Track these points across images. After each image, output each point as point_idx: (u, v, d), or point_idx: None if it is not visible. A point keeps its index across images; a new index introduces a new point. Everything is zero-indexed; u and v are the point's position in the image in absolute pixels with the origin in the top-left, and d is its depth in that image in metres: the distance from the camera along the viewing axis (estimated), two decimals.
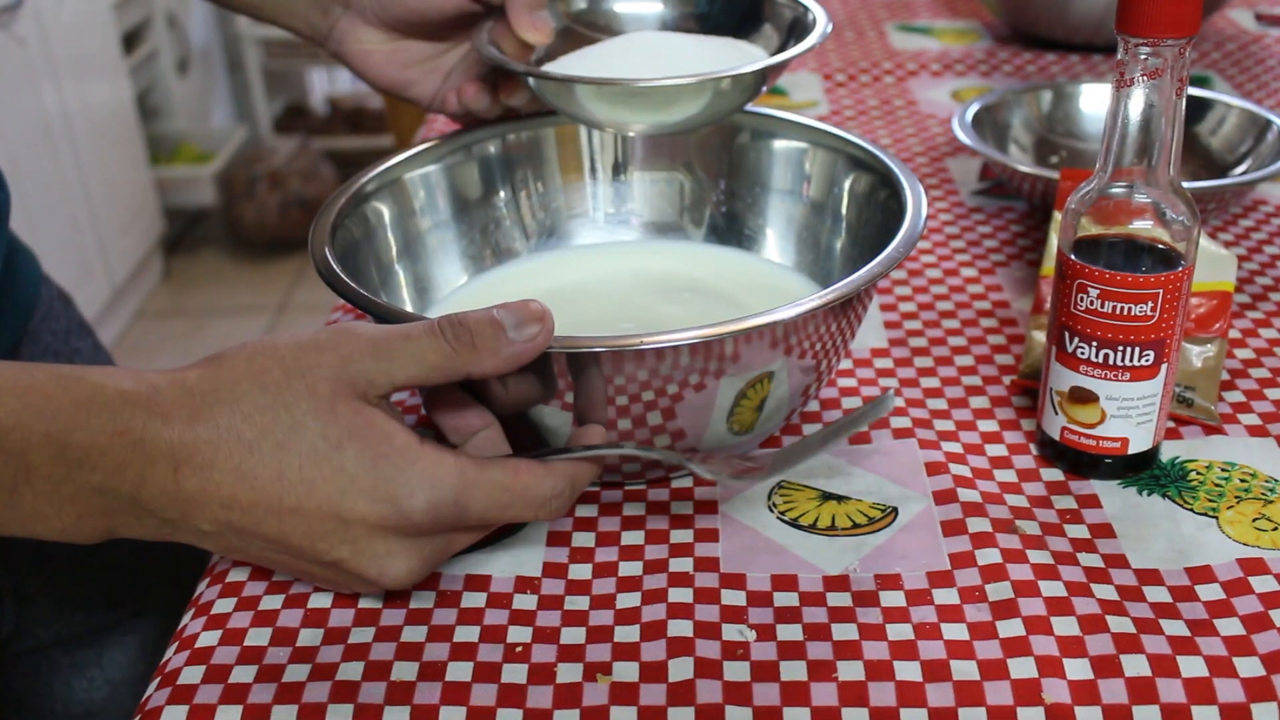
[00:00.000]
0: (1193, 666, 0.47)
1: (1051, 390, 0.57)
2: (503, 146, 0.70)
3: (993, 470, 0.59)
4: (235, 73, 3.19)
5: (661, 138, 0.71)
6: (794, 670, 0.48)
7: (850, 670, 0.47)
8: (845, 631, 0.49)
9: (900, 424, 0.62)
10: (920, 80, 1.13)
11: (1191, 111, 0.85)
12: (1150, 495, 0.57)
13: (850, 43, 1.22)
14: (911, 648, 0.48)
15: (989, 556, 0.52)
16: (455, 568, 0.53)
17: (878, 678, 0.47)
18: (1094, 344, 0.54)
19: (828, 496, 0.57)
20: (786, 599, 0.51)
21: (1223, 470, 0.58)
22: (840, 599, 0.51)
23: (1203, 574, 0.52)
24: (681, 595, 0.51)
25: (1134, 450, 0.57)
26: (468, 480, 0.47)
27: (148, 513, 0.45)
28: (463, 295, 0.68)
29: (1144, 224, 0.53)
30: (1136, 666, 0.47)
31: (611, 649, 0.49)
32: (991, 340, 0.70)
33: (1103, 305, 0.53)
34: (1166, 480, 0.58)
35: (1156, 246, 0.53)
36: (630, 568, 0.53)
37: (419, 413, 0.65)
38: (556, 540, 0.55)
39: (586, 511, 0.57)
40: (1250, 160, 0.84)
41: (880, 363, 0.68)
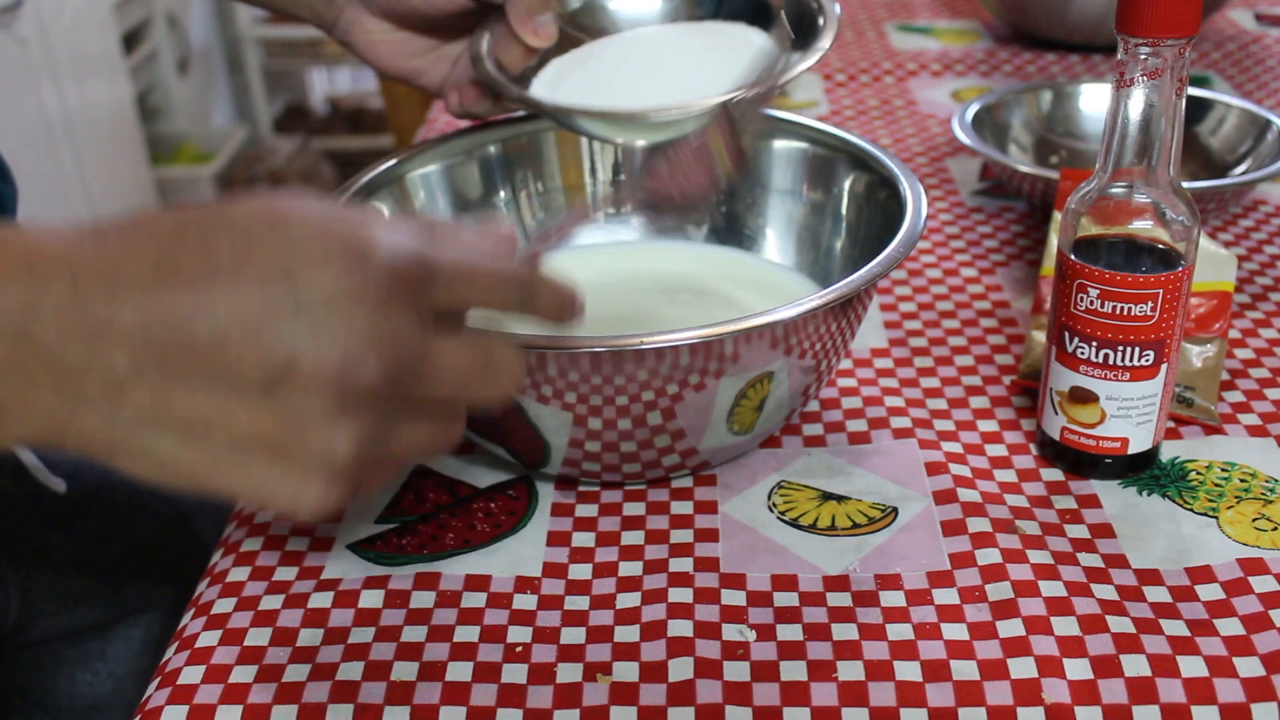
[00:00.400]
0: (1193, 666, 0.47)
1: (1051, 390, 0.57)
2: (503, 146, 0.70)
3: (993, 470, 0.59)
4: (235, 73, 3.19)
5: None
6: (794, 670, 0.48)
7: (850, 670, 0.47)
8: (845, 631, 0.49)
9: (900, 424, 0.62)
10: (920, 80, 1.13)
11: (1191, 111, 0.85)
12: (1150, 495, 0.57)
13: (850, 43, 1.22)
14: (911, 648, 0.48)
15: (989, 556, 0.52)
16: (455, 568, 0.54)
17: (878, 678, 0.47)
18: (1094, 344, 0.54)
19: (828, 496, 0.58)
20: (786, 599, 0.51)
21: (1223, 470, 0.58)
22: (840, 599, 0.51)
23: (1203, 574, 0.52)
24: (681, 595, 0.51)
25: (1134, 450, 0.57)
26: (435, 240, 0.38)
27: (38, 364, 0.34)
28: None
29: (1144, 224, 0.53)
30: (1136, 666, 0.47)
31: (611, 649, 0.49)
32: (991, 340, 0.70)
33: (1103, 305, 0.53)
34: (1166, 480, 0.58)
35: (1156, 246, 0.53)
36: (630, 568, 0.53)
37: None
38: (556, 540, 0.55)
39: (586, 511, 0.57)
40: (1250, 160, 0.84)
41: (880, 363, 0.68)
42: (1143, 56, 0.50)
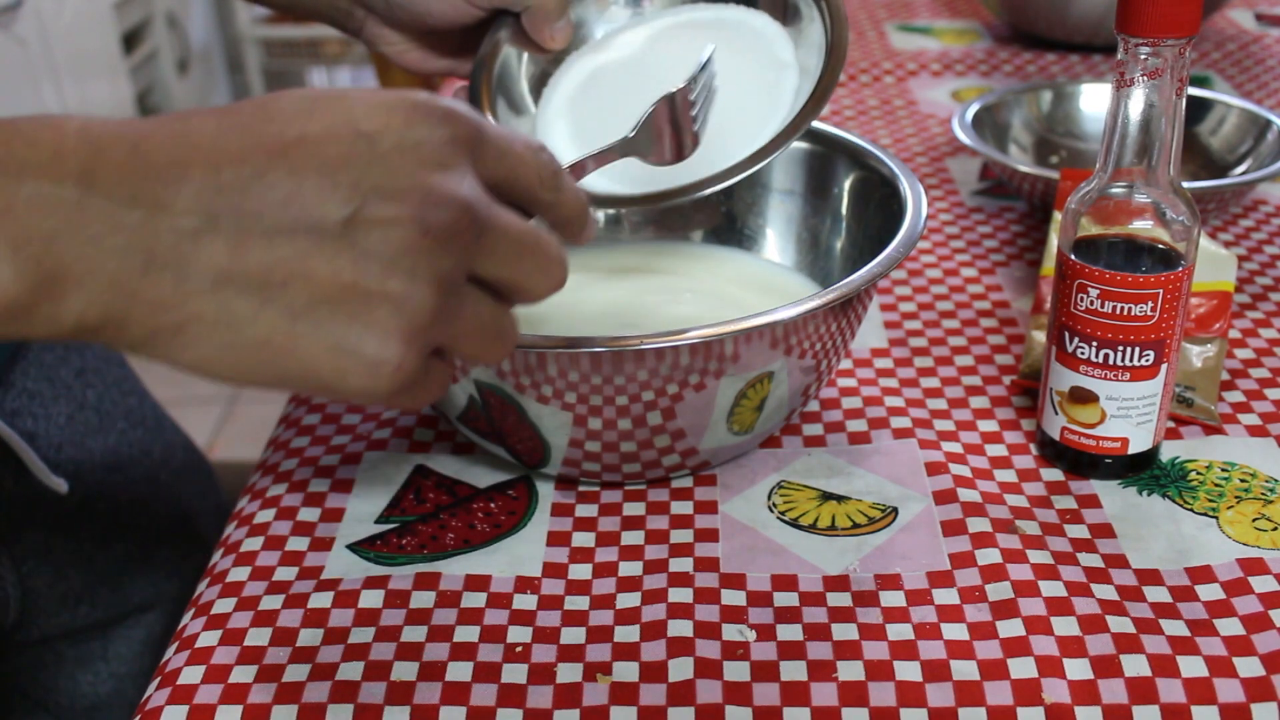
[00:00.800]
0: (1193, 666, 0.47)
1: (1051, 390, 0.57)
2: None
3: (993, 470, 0.59)
4: (235, 73, 3.19)
5: None
6: (794, 670, 0.48)
7: (850, 670, 0.47)
8: (845, 631, 0.49)
9: (900, 424, 0.62)
10: (920, 80, 1.13)
11: (1191, 111, 0.85)
12: (1150, 495, 0.57)
13: (850, 43, 1.22)
14: (911, 648, 0.48)
15: (989, 556, 0.52)
16: (455, 568, 0.54)
17: (878, 678, 0.47)
18: (1094, 344, 0.54)
19: (828, 496, 0.58)
20: (786, 599, 0.51)
21: (1223, 470, 0.58)
22: (840, 599, 0.51)
23: (1202, 574, 0.52)
24: (681, 595, 0.51)
25: (1134, 450, 0.57)
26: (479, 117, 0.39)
27: (102, 222, 0.32)
28: None
29: (1144, 224, 0.53)
30: (1136, 666, 0.47)
31: (611, 649, 0.49)
32: (991, 340, 0.70)
33: (1103, 305, 0.53)
34: (1166, 480, 0.58)
35: (1156, 246, 0.53)
36: (630, 568, 0.53)
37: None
38: (556, 540, 0.55)
39: (586, 511, 0.57)
40: (1250, 160, 0.84)
41: (880, 363, 0.68)
42: (1143, 56, 0.50)
